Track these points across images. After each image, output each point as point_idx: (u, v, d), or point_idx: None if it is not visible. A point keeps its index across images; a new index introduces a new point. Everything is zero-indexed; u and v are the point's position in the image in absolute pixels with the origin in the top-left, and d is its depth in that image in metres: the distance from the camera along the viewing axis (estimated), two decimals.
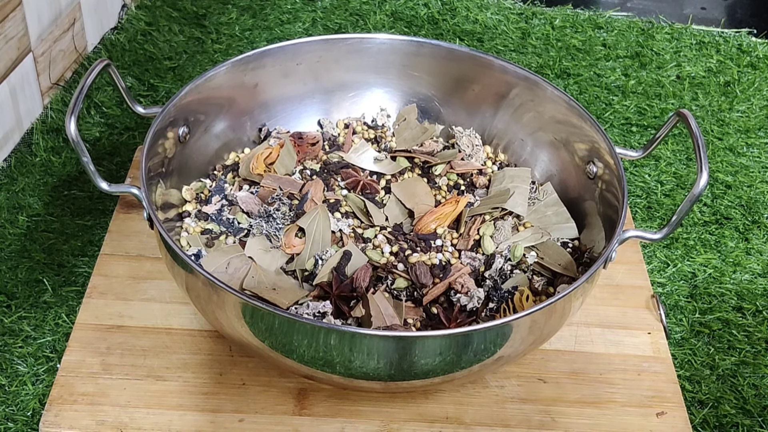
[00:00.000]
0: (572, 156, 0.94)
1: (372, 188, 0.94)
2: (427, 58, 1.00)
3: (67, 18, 1.18)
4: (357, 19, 1.39)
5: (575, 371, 0.87)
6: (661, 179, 1.15)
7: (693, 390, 0.90)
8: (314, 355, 0.72)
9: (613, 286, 0.95)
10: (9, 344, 0.88)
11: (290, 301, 0.81)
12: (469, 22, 1.41)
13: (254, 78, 0.97)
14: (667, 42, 1.40)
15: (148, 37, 1.31)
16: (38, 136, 1.11)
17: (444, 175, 0.98)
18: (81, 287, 0.93)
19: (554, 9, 1.46)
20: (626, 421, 0.83)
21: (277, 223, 0.88)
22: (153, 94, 1.21)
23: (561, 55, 1.35)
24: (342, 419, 0.81)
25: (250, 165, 0.94)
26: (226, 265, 0.84)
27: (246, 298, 0.70)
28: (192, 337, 0.87)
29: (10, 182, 1.05)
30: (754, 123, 1.25)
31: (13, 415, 0.82)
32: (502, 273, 0.86)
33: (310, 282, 0.84)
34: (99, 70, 0.81)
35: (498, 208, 0.92)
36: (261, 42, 1.32)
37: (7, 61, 1.05)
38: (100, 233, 1.00)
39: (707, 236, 1.07)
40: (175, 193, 0.91)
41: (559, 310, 0.76)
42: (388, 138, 1.02)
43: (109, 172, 1.08)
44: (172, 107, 0.87)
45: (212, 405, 0.81)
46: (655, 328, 0.92)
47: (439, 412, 0.82)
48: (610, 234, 0.83)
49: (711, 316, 0.97)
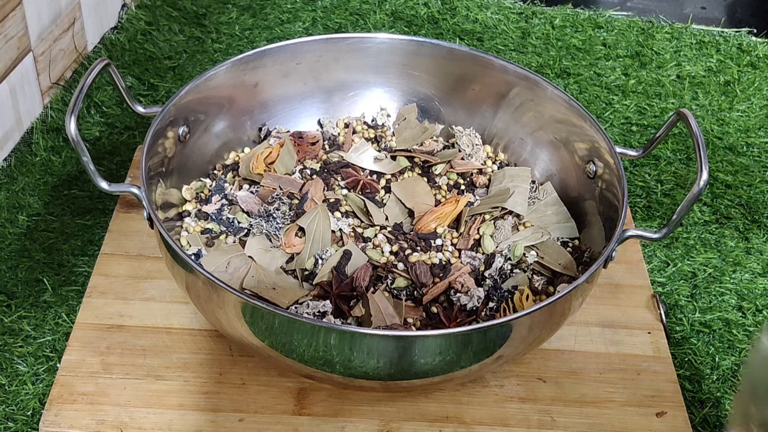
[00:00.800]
0: (572, 155, 0.94)
1: (372, 188, 0.94)
2: (427, 58, 1.00)
3: (67, 17, 1.18)
4: (357, 18, 1.39)
5: (575, 371, 0.87)
6: (661, 179, 1.15)
7: (693, 389, 0.90)
8: (314, 355, 0.72)
9: (613, 285, 0.95)
10: (9, 344, 0.88)
11: (290, 301, 0.81)
12: (469, 21, 1.41)
13: (254, 77, 0.97)
14: (667, 41, 1.40)
15: (148, 37, 1.31)
16: (38, 136, 1.11)
17: (444, 174, 0.98)
18: (81, 287, 0.93)
19: (554, 8, 1.46)
20: (626, 421, 0.83)
21: (277, 223, 0.88)
22: (153, 93, 1.21)
23: (561, 54, 1.35)
24: (342, 418, 0.81)
25: (250, 164, 0.94)
26: (226, 265, 0.84)
27: (246, 297, 0.70)
28: (192, 336, 0.87)
29: (10, 182, 1.05)
30: (754, 122, 1.25)
31: (13, 414, 0.82)
32: (502, 272, 0.86)
33: (310, 281, 0.84)
34: (99, 70, 0.81)
35: (498, 207, 0.92)
36: (261, 41, 1.32)
37: (7, 60, 1.05)
38: (100, 233, 1.00)
39: (707, 236, 1.07)
40: (175, 193, 0.91)
41: (559, 309, 0.76)
42: (388, 137, 1.02)
43: (109, 172, 1.08)
44: (172, 107, 0.87)
45: (212, 404, 0.81)
46: (655, 327, 0.92)
47: (438, 411, 0.82)
48: (610, 233, 0.83)
49: (711, 315, 0.97)
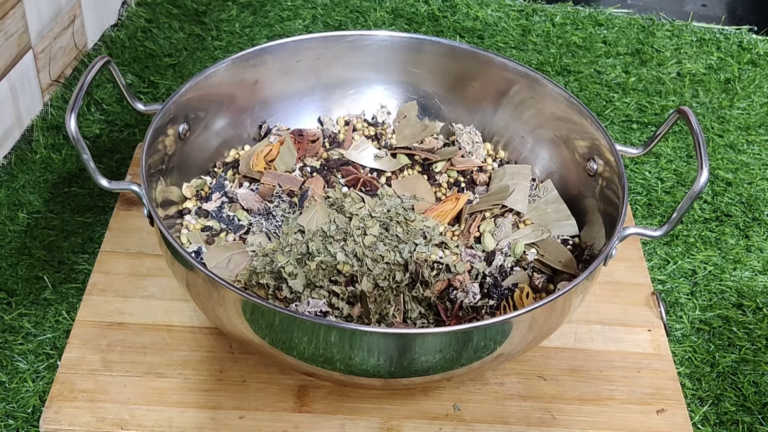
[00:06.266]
0: (572, 153, 0.94)
1: (372, 185, 0.94)
2: (427, 55, 1.00)
3: (67, 15, 1.18)
4: (357, 16, 1.39)
5: (575, 368, 0.87)
6: (661, 176, 1.15)
7: (693, 387, 0.90)
8: (314, 352, 0.72)
9: (613, 283, 0.95)
10: (9, 341, 0.88)
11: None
12: (470, 19, 1.40)
13: (254, 75, 0.97)
14: (668, 39, 1.40)
15: (148, 34, 1.31)
16: (38, 133, 1.11)
17: (444, 172, 0.98)
18: (81, 284, 0.93)
19: (555, 6, 1.46)
20: (626, 418, 0.83)
21: (277, 221, 0.88)
22: (153, 91, 1.21)
23: (561, 52, 1.35)
24: (342, 416, 0.81)
25: (251, 162, 0.94)
26: (226, 262, 0.84)
27: (246, 295, 0.70)
28: (192, 334, 0.87)
29: (11, 179, 1.05)
30: (754, 120, 1.25)
31: (13, 412, 0.82)
32: (502, 270, 0.86)
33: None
34: (99, 67, 0.81)
35: (498, 205, 0.92)
36: (261, 39, 1.32)
37: (7, 58, 1.05)
38: (100, 230, 1.00)
39: (707, 233, 1.07)
40: (176, 190, 0.91)
41: (559, 307, 0.76)
42: (389, 135, 1.02)
43: (109, 169, 1.08)
44: (173, 104, 0.87)
45: (212, 402, 0.81)
46: (656, 325, 0.92)
47: (439, 409, 0.82)
48: (610, 231, 0.83)
49: (711, 313, 0.97)
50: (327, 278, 0.82)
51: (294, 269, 0.82)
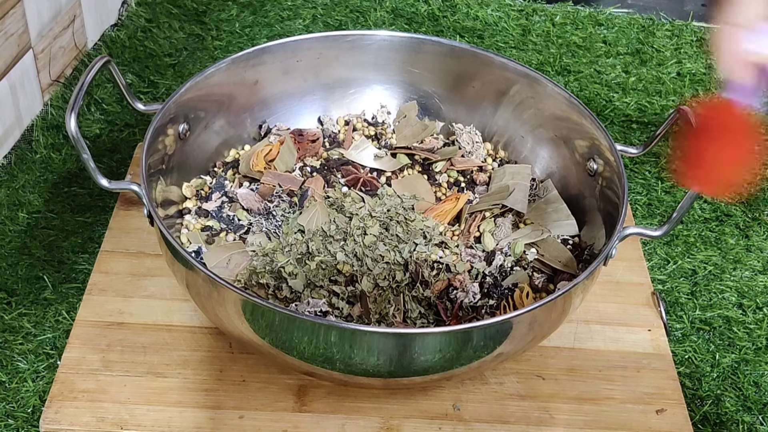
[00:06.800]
0: (572, 153, 0.94)
1: (372, 185, 0.94)
2: (427, 55, 1.00)
3: (67, 15, 1.18)
4: (357, 15, 1.39)
5: (574, 368, 0.87)
6: (661, 176, 1.15)
7: (693, 387, 0.90)
8: (314, 352, 0.72)
9: (613, 283, 0.95)
10: (9, 341, 0.88)
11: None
12: (470, 19, 1.40)
13: (254, 75, 0.97)
14: (668, 39, 1.40)
15: (148, 34, 1.31)
16: (38, 133, 1.11)
17: (444, 172, 0.98)
18: (81, 284, 0.93)
19: (555, 6, 1.46)
20: (625, 418, 0.83)
21: (277, 220, 0.88)
22: (153, 90, 1.21)
23: (561, 52, 1.35)
24: (342, 416, 0.81)
25: (251, 162, 0.94)
26: (226, 262, 0.84)
27: (246, 294, 0.70)
28: (192, 333, 0.87)
29: (11, 179, 1.05)
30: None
31: (13, 412, 0.82)
32: (502, 270, 0.86)
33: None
34: (99, 67, 0.81)
35: (498, 204, 0.92)
36: (261, 39, 1.32)
37: (7, 57, 1.05)
38: (100, 230, 1.00)
39: (708, 233, 1.07)
40: (176, 190, 0.91)
41: (559, 307, 0.76)
42: (389, 135, 1.02)
43: (109, 169, 1.08)
44: (173, 104, 0.87)
45: (212, 402, 0.81)
46: (656, 325, 0.92)
47: (438, 408, 0.82)
48: (610, 231, 0.83)
49: (711, 313, 0.97)
50: (327, 278, 0.83)
51: (294, 269, 0.82)
